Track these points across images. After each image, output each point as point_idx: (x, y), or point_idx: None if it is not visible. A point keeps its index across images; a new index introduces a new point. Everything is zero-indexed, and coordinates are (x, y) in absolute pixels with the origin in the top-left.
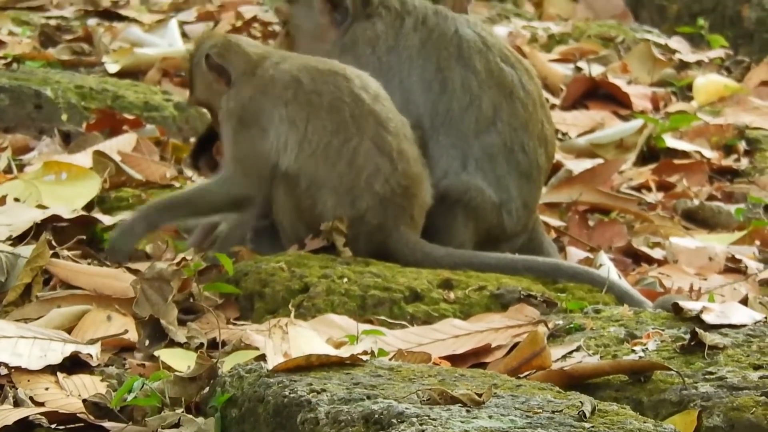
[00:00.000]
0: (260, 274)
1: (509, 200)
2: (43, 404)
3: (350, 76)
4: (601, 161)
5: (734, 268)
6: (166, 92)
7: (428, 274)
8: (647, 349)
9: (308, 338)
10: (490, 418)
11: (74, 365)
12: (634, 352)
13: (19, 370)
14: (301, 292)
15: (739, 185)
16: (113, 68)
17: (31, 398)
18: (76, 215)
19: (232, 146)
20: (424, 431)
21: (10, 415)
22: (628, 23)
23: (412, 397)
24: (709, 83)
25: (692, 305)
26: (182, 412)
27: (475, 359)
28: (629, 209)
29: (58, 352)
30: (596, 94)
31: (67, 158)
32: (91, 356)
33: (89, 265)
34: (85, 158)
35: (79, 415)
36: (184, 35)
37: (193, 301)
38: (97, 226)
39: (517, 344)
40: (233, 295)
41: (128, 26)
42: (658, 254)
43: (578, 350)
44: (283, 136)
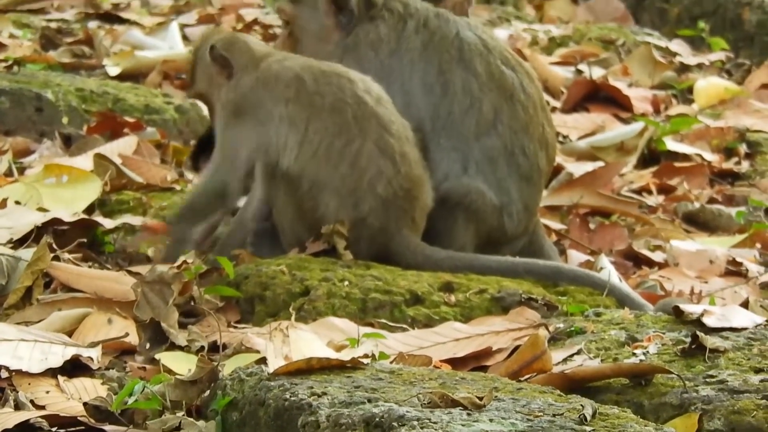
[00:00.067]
0: (261, 277)
1: (510, 203)
2: (43, 407)
3: (353, 78)
4: (601, 164)
5: (735, 271)
6: (166, 95)
7: (429, 277)
8: (648, 352)
9: (309, 341)
10: (490, 421)
11: (75, 368)
12: (634, 355)
13: (19, 373)
14: (301, 295)
15: (739, 188)
16: (114, 71)
17: (31, 401)
18: (76, 218)
19: (221, 134)
20: None
21: (10, 418)
22: (628, 26)
23: (412, 400)
24: (709, 86)
25: (693, 308)
26: (183, 415)
27: (475, 362)
28: (630, 212)
29: (58, 355)
30: (597, 96)
31: (67, 161)
32: (91, 359)
33: (90, 268)
34: (85, 161)
35: (79, 418)
36: (184, 38)
37: (193, 304)
38: (97, 229)
39: (517, 347)
40: (234, 298)
41: (129, 29)
42: (658, 257)
43: (579, 353)
44: (282, 135)
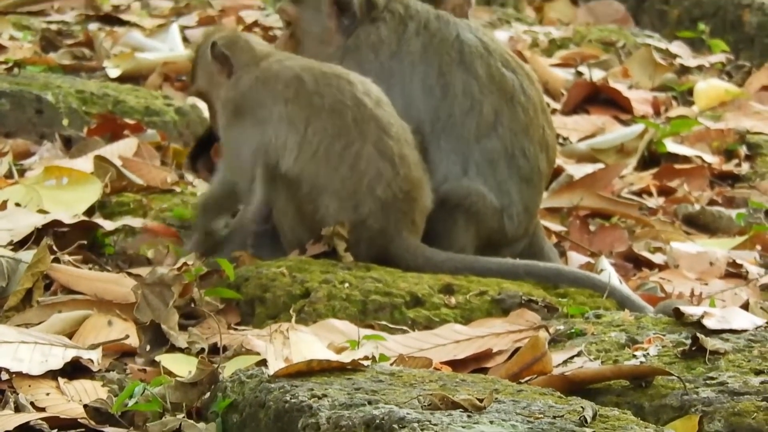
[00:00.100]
0: (261, 279)
1: (510, 205)
2: (44, 409)
3: (353, 80)
4: (601, 166)
5: (735, 273)
6: (167, 97)
7: (429, 279)
8: (648, 354)
9: (309, 343)
10: (491, 423)
11: (75, 370)
12: (635, 357)
13: (20, 375)
14: (302, 297)
15: (740, 190)
16: (114, 73)
17: (32, 403)
18: (77, 220)
19: (224, 135)
20: None
21: (11, 420)
22: (628, 28)
23: (413, 402)
24: (710, 88)
25: (693, 310)
26: (183, 417)
27: (476, 364)
28: (630, 214)
29: (59, 357)
30: (597, 98)
31: (68, 163)
32: (92, 361)
33: (90, 270)
34: (86, 163)
35: (80, 420)
36: (185, 40)
37: (194, 306)
38: (98, 231)
39: (518, 349)
40: (234, 300)
41: (129, 31)
42: (659, 259)
43: (579, 355)
44: (282, 135)
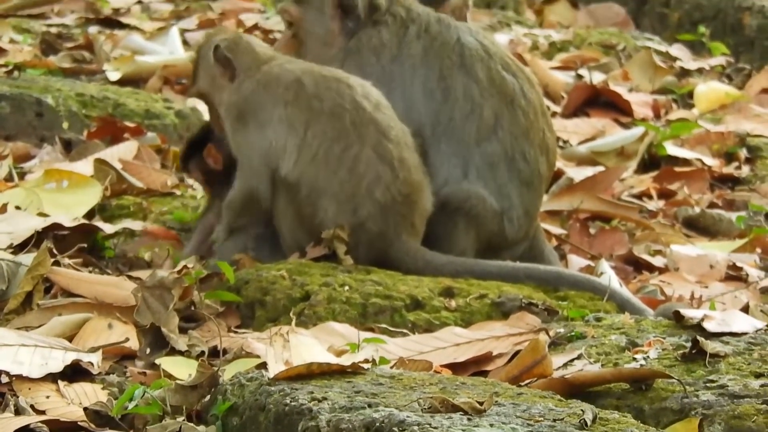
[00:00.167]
0: (261, 282)
1: (510, 208)
2: (44, 412)
3: (353, 84)
4: (602, 169)
5: (735, 276)
6: (167, 100)
7: (429, 282)
8: (648, 357)
9: (309, 346)
10: (491, 426)
11: (75, 373)
12: (635, 360)
13: (20, 378)
14: (302, 300)
15: (740, 193)
16: (114, 76)
17: (32, 406)
18: (77, 223)
19: (233, 141)
20: None
21: (11, 423)
22: (629, 31)
23: (413, 405)
24: (710, 91)
25: (693, 313)
26: (183, 420)
27: (476, 367)
28: (630, 217)
29: (59, 360)
30: (597, 101)
31: (68, 166)
32: (92, 364)
33: (90, 273)
34: (86, 166)
35: (80, 423)
36: (185, 43)
37: (194, 309)
38: (98, 234)
39: (518, 352)
40: (234, 303)
41: (129, 34)
42: (659, 262)
43: (579, 358)
44: (281, 138)
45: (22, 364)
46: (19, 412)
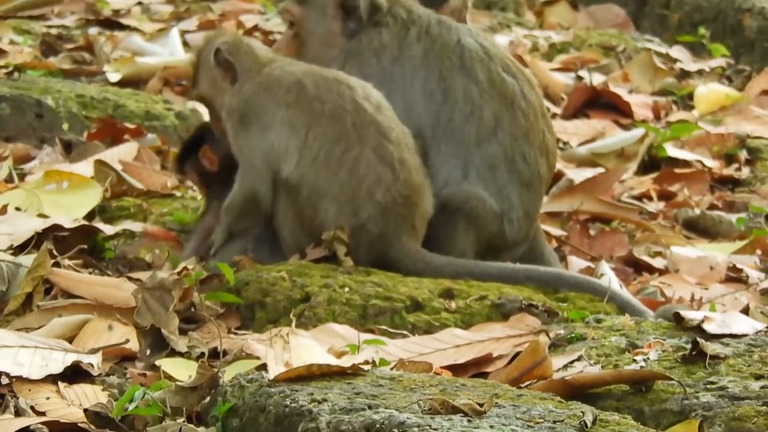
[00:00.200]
0: (261, 283)
1: (510, 209)
2: (44, 414)
3: (353, 85)
4: (602, 170)
5: (735, 277)
6: (167, 101)
7: (429, 283)
8: (648, 358)
9: (309, 348)
10: (491, 428)
11: (75, 374)
12: (635, 361)
13: (20, 379)
14: (302, 301)
15: (740, 194)
16: (114, 77)
17: (32, 408)
18: (77, 224)
19: (234, 143)
20: None
21: (11, 424)
22: (629, 32)
23: (413, 407)
24: (710, 92)
25: (693, 315)
26: (183, 421)
27: (476, 369)
28: (630, 218)
29: (59, 361)
30: (597, 103)
31: (68, 167)
32: (92, 365)
33: (90, 274)
34: (86, 167)
35: (80, 424)
36: (185, 44)
37: (194, 310)
38: (98, 235)
39: (518, 354)
40: (234, 304)
41: (129, 35)
42: (659, 263)
43: (579, 360)
44: (283, 140)
45: (22, 365)
46: (19, 413)
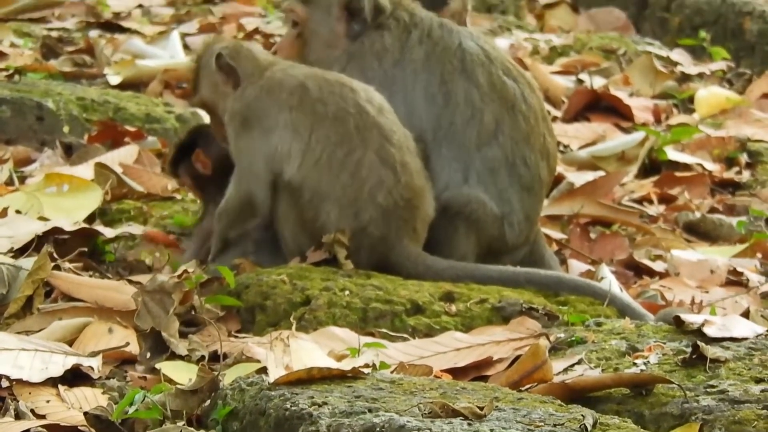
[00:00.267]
0: (261, 286)
1: (511, 213)
2: (44, 417)
3: (356, 88)
4: (602, 174)
5: (736, 281)
6: (167, 104)
7: (430, 286)
8: (649, 362)
9: (309, 351)
10: (491, 431)
11: (75, 378)
12: (635, 365)
13: (20, 382)
14: (302, 304)
15: (740, 198)
16: (115, 80)
17: (32, 411)
18: (77, 227)
19: (234, 146)
20: None
21: (11, 427)
22: (629, 35)
23: (413, 410)
24: (710, 96)
25: (694, 318)
26: (183, 424)
27: (476, 372)
28: (631, 222)
29: (59, 364)
30: (598, 106)
31: (68, 170)
32: (92, 369)
33: (91, 277)
34: (86, 170)
35: (80, 427)
36: (185, 47)
37: (194, 313)
38: (98, 238)
39: (518, 357)
40: (234, 307)
41: (130, 38)
42: (659, 267)
43: (580, 363)
44: (286, 143)
45: (22, 368)
46: (19, 416)
